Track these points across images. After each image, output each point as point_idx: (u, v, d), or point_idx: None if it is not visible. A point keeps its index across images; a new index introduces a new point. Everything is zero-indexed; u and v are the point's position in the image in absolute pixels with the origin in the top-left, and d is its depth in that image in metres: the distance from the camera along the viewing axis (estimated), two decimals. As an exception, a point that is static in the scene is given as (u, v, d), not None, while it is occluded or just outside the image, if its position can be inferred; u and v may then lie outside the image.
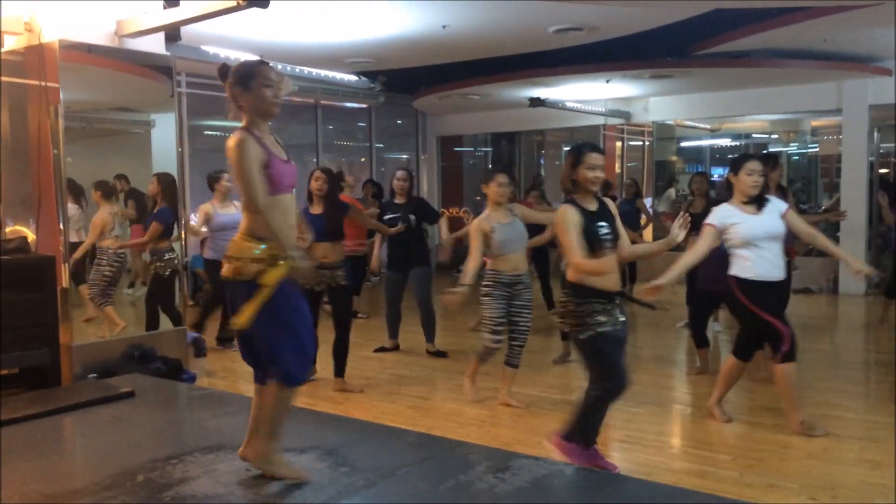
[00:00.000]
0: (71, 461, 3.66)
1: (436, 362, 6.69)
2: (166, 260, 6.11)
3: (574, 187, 3.75)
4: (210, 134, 11.81)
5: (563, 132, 15.10)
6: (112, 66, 5.76)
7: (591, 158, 3.69)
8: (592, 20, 7.79)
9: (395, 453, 3.48)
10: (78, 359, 5.29)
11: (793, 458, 4.23)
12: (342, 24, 7.82)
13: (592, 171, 3.68)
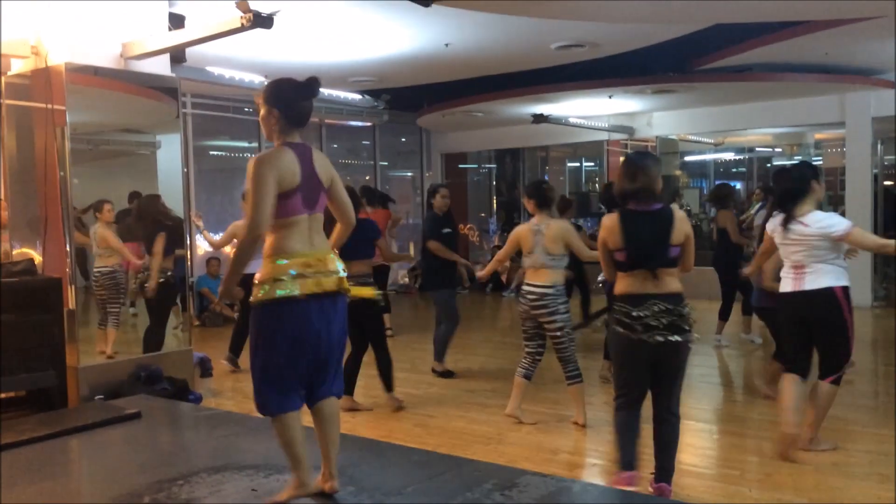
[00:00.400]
0: (78, 483, 3.65)
1: (443, 381, 6.67)
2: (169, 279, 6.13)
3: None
4: (215, 154, 11.89)
5: (567, 148, 15.14)
6: (118, 88, 5.81)
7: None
8: (594, 36, 7.84)
9: (402, 472, 3.47)
10: (84, 380, 5.29)
11: (802, 472, 4.20)
12: (346, 44, 7.88)
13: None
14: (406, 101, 11.69)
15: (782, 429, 4.40)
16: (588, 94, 10.31)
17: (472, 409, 5.69)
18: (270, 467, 3.44)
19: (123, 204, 6.43)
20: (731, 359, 7.40)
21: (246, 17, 4.68)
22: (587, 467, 4.39)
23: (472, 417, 5.45)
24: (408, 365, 7.25)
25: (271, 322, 2.84)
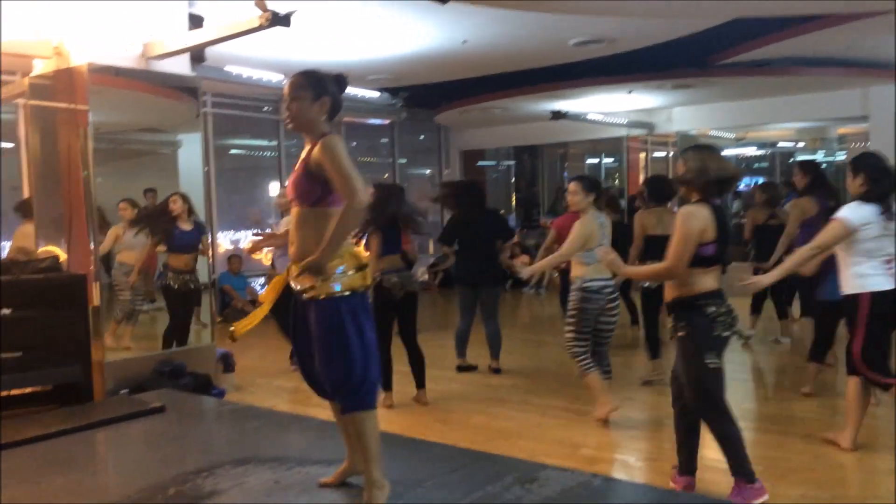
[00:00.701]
0: (103, 475, 3.71)
1: (463, 377, 6.68)
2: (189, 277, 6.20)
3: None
4: (236, 153, 11.97)
5: (586, 144, 15.10)
6: (139, 88, 5.88)
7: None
8: (612, 32, 7.81)
9: (423, 465, 3.48)
10: (110, 375, 5.37)
11: (824, 468, 4.17)
12: (363, 42, 7.91)
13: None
14: (424, 98, 11.70)
15: (846, 433, 4.35)
16: (607, 90, 10.28)
17: (492, 404, 5.70)
18: (293, 460, 3.47)
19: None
20: (755, 355, 7.35)
21: (264, 17, 4.73)
22: (609, 462, 4.39)
23: (493, 413, 5.46)
24: (428, 361, 7.25)
25: (358, 313, 2.80)
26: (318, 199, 2.79)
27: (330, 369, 2.80)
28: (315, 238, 2.76)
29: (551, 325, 9.79)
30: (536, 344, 8.21)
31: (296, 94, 2.82)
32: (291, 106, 2.83)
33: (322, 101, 2.84)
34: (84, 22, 5.48)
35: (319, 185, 2.78)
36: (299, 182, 2.83)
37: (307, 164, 2.81)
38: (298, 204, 2.85)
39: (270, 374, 6.89)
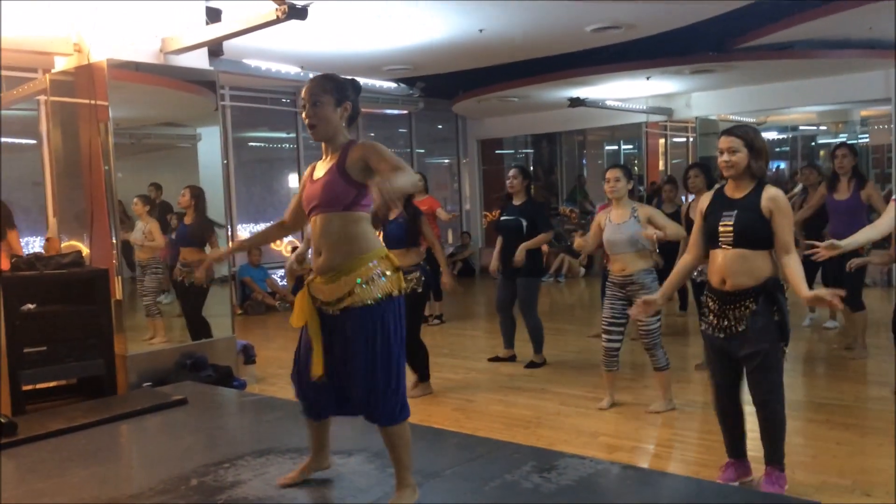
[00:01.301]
0: (127, 467, 3.77)
1: (481, 366, 6.70)
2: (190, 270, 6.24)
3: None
4: (254, 146, 12.04)
5: (605, 131, 15.01)
6: (158, 83, 5.92)
7: (719, 143, 3.54)
8: (630, 17, 7.75)
9: (441, 454, 3.51)
10: (132, 368, 5.44)
11: (845, 454, 4.15)
12: (380, 32, 7.91)
13: (720, 156, 3.50)
14: (441, 88, 11.69)
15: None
16: (625, 77, 10.20)
17: (510, 393, 5.71)
18: (312, 451, 3.51)
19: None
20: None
21: (281, 10, 4.74)
22: (627, 450, 4.38)
23: (511, 401, 5.48)
24: (447, 350, 7.30)
25: (398, 317, 2.77)
26: (352, 202, 2.73)
27: (372, 380, 2.70)
28: (345, 250, 2.72)
29: (570, 314, 9.79)
30: (555, 332, 8.19)
31: (318, 98, 2.78)
32: (314, 112, 2.78)
33: (344, 107, 2.82)
34: (103, 18, 5.52)
35: (355, 189, 2.73)
36: (332, 186, 2.73)
37: (340, 168, 2.74)
38: (326, 210, 2.75)
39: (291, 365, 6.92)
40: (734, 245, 3.42)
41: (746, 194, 3.45)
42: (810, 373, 6.09)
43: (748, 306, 3.41)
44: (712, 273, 3.54)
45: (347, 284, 2.71)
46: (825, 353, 6.52)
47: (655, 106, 12.45)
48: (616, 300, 4.96)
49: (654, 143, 13.77)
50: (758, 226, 3.39)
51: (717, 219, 3.50)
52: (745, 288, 3.41)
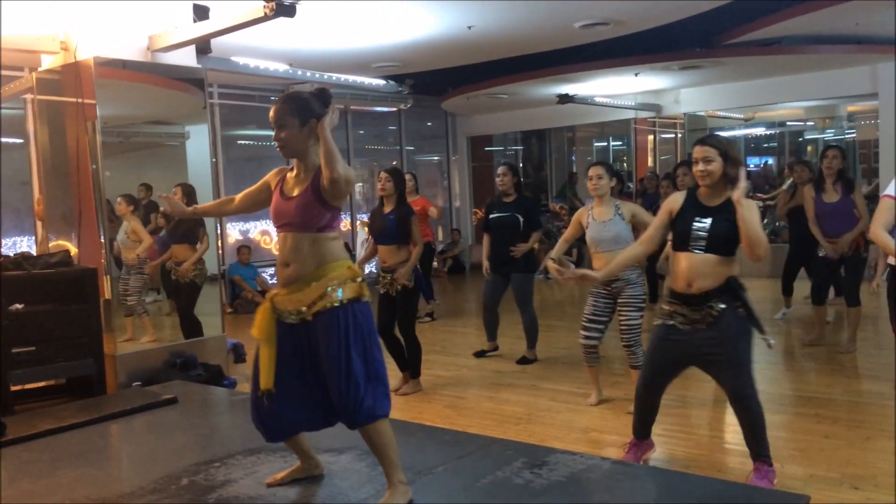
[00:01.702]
0: (117, 467, 3.75)
1: (472, 363, 6.71)
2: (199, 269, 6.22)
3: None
4: (243, 144, 12.00)
5: (594, 128, 15.04)
6: (146, 81, 5.90)
7: (693, 152, 3.59)
8: (618, 14, 7.76)
9: (433, 451, 3.51)
10: (122, 368, 5.43)
11: (834, 448, 4.18)
12: (368, 30, 7.89)
13: (695, 165, 3.55)
14: (430, 85, 11.68)
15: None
16: (614, 73, 10.22)
17: (501, 390, 5.73)
18: (304, 449, 3.50)
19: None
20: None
21: (269, 7, 4.72)
22: (618, 446, 4.39)
23: (502, 398, 5.49)
24: (438, 347, 7.30)
25: (367, 318, 2.84)
26: (326, 224, 2.82)
27: (349, 374, 2.73)
28: (314, 262, 2.80)
29: (560, 311, 9.81)
30: (546, 329, 8.20)
31: (283, 122, 2.83)
32: (280, 135, 2.84)
33: (310, 126, 2.83)
34: (90, 16, 5.49)
35: (329, 212, 2.82)
36: (307, 209, 2.80)
37: (315, 191, 2.79)
38: (299, 230, 2.82)
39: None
40: (706, 250, 3.46)
41: (723, 202, 3.49)
42: (798, 367, 6.13)
43: (714, 306, 3.46)
44: (676, 277, 3.55)
45: (319, 289, 2.78)
46: (810, 348, 6.56)
47: (644, 102, 12.48)
48: (600, 297, 4.93)
49: (643, 140, 13.81)
50: (731, 234, 3.43)
51: (688, 223, 3.52)
52: (710, 289, 3.47)
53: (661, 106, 12.63)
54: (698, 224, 3.48)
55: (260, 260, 11.12)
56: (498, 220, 6.50)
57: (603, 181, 4.93)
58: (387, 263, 5.54)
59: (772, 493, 3.24)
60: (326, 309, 2.77)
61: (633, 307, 4.84)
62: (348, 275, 2.83)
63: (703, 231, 3.47)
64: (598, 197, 4.97)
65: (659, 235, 3.71)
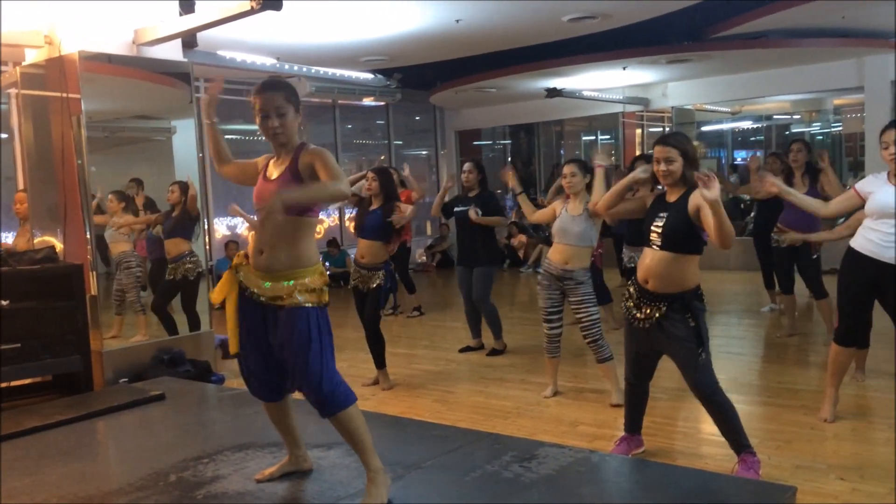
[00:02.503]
0: (105, 463, 3.74)
1: (462, 357, 6.71)
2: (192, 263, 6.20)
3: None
4: (230, 138, 11.93)
5: (582, 121, 15.04)
6: (132, 75, 5.86)
7: (654, 152, 3.64)
8: (606, 7, 7.76)
9: (422, 446, 3.52)
10: (109, 364, 5.40)
11: (820, 439, 4.21)
12: (356, 23, 7.86)
13: (657, 164, 3.61)
14: (418, 79, 11.65)
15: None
16: (601, 67, 10.23)
17: (490, 384, 5.73)
18: (292, 444, 3.50)
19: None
20: (748, 328, 7.39)
21: (255, 0, 4.70)
22: (607, 439, 4.41)
23: (492, 392, 5.50)
24: (426, 342, 7.31)
25: (325, 319, 2.88)
26: (305, 207, 2.81)
27: (309, 375, 2.79)
28: (288, 259, 2.81)
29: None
30: (534, 322, 8.22)
31: (284, 109, 2.82)
32: (282, 123, 2.82)
33: (299, 112, 2.88)
34: (74, 9, 5.44)
35: None
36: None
37: (294, 173, 2.81)
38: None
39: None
40: (662, 247, 3.53)
41: (678, 199, 3.56)
42: (784, 359, 6.16)
43: (661, 308, 3.54)
44: (640, 269, 3.66)
45: (284, 289, 2.81)
46: (797, 339, 6.60)
47: (632, 96, 12.50)
48: (552, 291, 5.05)
49: (631, 133, 13.84)
50: (683, 229, 3.49)
51: (650, 219, 3.63)
52: (663, 293, 3.54)
53: (648, 99, 12.65)
54: (657, 220, 3.59)
55: (248, 255, 11.08)
56: (460, 213, 6.67)
57: (576, 178, 5.01)
58: (364, 260, 5.53)
59: (758, 483, 3.26)
60: (288, 306, 2.80)
61: (588, 303, 4.97)
62: (318, 283, 2.85)
63: (659, 227, 3.57)
64: (573, 194, 5.06)
65: (622, 202, 3.90)
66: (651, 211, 3.68)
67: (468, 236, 6.62)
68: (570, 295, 4.99)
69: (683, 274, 3.53)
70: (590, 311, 4.97)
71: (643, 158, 6.32)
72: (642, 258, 3.67)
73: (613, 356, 5.02)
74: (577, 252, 4.95)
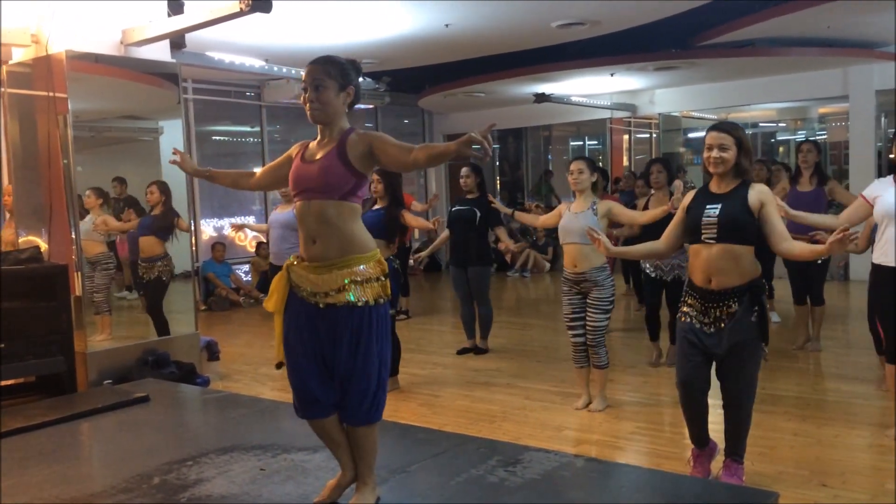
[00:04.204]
0: (88, 465, 3.71)
1: (448, 360, 6.72)
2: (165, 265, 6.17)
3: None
4: (218, 139, 11.90)
5: (570, 127, 15.11)
6: (119, 75, 5.83)
7: (707, 138, 3.51)
8: (595, 14, 7.80)
9: (407, 450, 3.52)
10: (93, 365, 5.36)
11: (803, 445, 4.24)
12: (345, 26, 7.86)
13: (708, 151, 3.48)
14: (407, 82, 11.66)
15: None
16: (590, 73, 10.28)
17: (476, 388, 5.74)
18: (278, 447, 3.50)
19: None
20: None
21: (245, 2, 4.69)
22: (591, 444, 4.44)
23: (478, 396, 5.50)
24: (413, 345, 7.30)
25: (384, 322, 2.72)
26: (350, 191, 2.67)
27: (350, 380, 2.66)
28: (341, 244, 2.65)
29: (535, 309, 9.85)
30: (521, 326, 8.26)
31: (321, 82, 2.67)
32: (317, 96, 2.67)
33: (348, 92, 2.72)
34: (62, 8, 5.41)
35: (354, 177, 2.67)
36: (330, 171, 2.65)
37: (340, 154, 2.66)
38: (321, 197, 2.66)
39: (256, 361, 6.89)
40: (718, 239, 3.40)
41: (732, 189, 3.45)
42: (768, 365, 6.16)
43: (731, 306, 3.41)
44: (695, 270, 3.50)
45: (338, 280, 2.64)
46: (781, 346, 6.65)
47: (619, 102, 12.56)
48: (573, 296, 4.95)
49: (619, 139, 13.91)
50: (742, 218, 3.37)
51: (699, 212, 3.47)
52: (731, 287, 3.40)
53: (636, 106, 12.72)
54: (709, 211, 3.43)
55: (234, 257, 11.04)
56: (457, 213, 6.70)
57: (584, 176, 4.92)
58: None
59: (741, 489, 3.28)
60: (340, 305, 2.64)
61: (600, 309, 4.87)
62: (375, 271, 2.68)
63: (712, 217, 3.41)
64: (579, 192, 4.97)
65: (677, 234, 3.65)
66: (695, 206, 3.51)
67: (463, 238, 6.65)
68: (588, 296, 4.88)
69: (746, 263, 3.40)
70: (597, 316, 4.86)
71: (660, 162, 6.31)
72: (694, 257, 3.51)
73: (609, 364, 5.03)
74: (584, 251, 4.79)
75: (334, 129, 2.74)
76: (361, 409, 2.70)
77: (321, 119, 2.72)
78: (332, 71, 2.70)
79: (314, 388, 2.71)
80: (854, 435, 4.38)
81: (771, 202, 3.42)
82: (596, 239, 3.78)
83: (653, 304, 6.13)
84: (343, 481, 2.88)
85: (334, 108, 2.71)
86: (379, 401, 2.74)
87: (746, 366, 3.50)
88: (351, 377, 2.67)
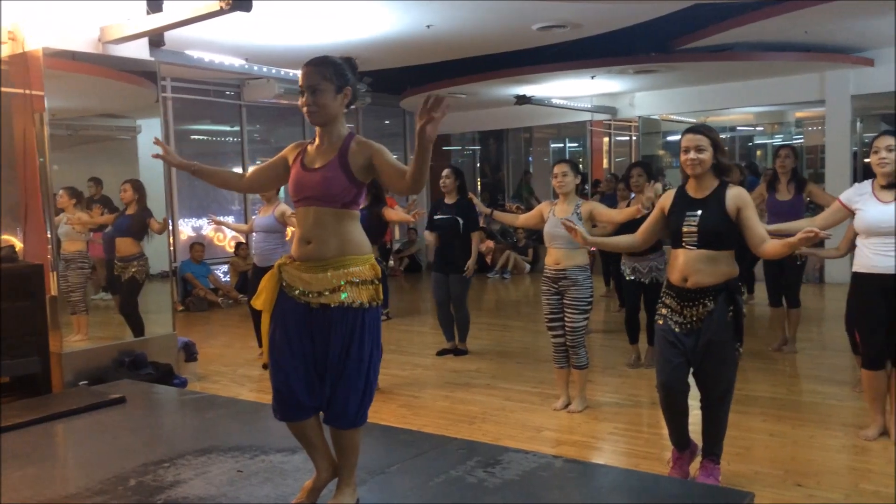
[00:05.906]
0: (63, 467, 3.67)
1: (428, 362, 6.72)
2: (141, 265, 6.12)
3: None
4: (197, 139, 11.81)
5: (551, 129, 15.16)
6: (97, 73, 5.77)
7: (683, 140, 3.53)
8: (576, 17, 7.84)
9: (387, 451, 3.51)
10: (69, 366, 5.31)
11: (779, 445, 4.29)
12: (326, 26, 7.84)
13: (685, 154, 3.50)
14: (389, 83, 11.63)
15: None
16: (570, 75, 10.32)
17: (456, 389, 5.74)
18: (256, 448, 3.48)
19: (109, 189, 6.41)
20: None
21: (225, 1, 4.66)
22: (571, 444, 4.45)
23: (458, 397, 5.50)
24: (393, 346, 7.28)
25: (376, 326, 2.71)
26: (351, 200, 2.67)
27: (339, 381, 2.65)
28: (337, 244, 2.65)
29: (515, 310, 9.87)
30: (501, 328, 8.27)
31: (317, 86, 2.66)
32: (314, 100, 2.66)
33: (345, 93, 2.70)
34: (39, 6, 5.35)
35: (355, 188, 2.67)
36: (332, 182, 2.64)
37: (343, 164, 2.65)
38: (321, 205, 2.65)
39: (235, 362, 6.85)
40: (699, 246, 3.44)
41: (710, 194, 3.47)
42: (744, 367, 6.24)
43: (706, 304, 3.45)
44: (673, 270, 3.55)
45: (334, 279, 2.63)
46: (757, 348, 6.71)
47: (600, 105, 12.63)
48: (551, 295, 4.95)
49: (599, 142, 13.98)
50: (722, 227, 3.42)
51: (679, 219, 3.50)
52: (706, 286, 3.44)
53: (616, 109, 12.79)
54: (689, 219, 3.47)
55: (213, 257, 10.97)
56: (440, 221, 6.72)
57: (568, 178, 4.94)
58: None
59: (717, 489, 3.31)
60: (334, 306, 2.63)
61: (578, 309, 4.88)
62: (369, 274, 2.68)
63: (693, 225, 3.45)
64: (563, 194, 4.98)
65: (653, 230, 3.73)
66: (675, 211, 3.54)
67: (447, 244, 6.66)
68: (565, 296, 4.87)
69: (723, 265, 3.45)
70: (575, 317, 4.87)
71: (640, 166, 6.34)
72: (672, 260, 3.55)
73: (589, 365, 5.05)
74: (569, 254, 4.85)
75: (333, 133, 2.73)
76: (348, 412, 2.68)
77: (319, 122, 2.72)
78: (328, 73, 2.68)
79: (297, 389, 2.68)
80: (829, 435, 4.43)
81: (748, 205, 3.45)
82: (572, 229, 3.84)
83: (631, 306, 6.17)
84: (318, 483, 2.86)
85: (332, 111, 2.70)
86: (366, 404, 2.72)
87: (723, 366, 3.52)
88: (339, 379, 2.65)
